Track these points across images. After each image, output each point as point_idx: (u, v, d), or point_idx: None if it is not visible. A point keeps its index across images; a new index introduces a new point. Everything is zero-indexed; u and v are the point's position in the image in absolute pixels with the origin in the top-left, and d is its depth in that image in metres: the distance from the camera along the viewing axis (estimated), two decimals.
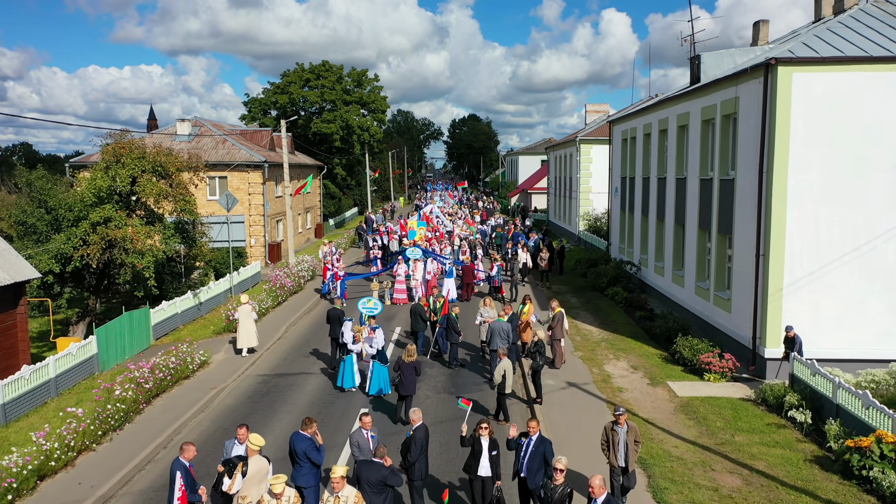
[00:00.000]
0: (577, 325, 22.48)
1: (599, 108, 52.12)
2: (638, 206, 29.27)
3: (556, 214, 54.19)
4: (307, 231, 53.09)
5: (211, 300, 26.76)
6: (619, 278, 28.06)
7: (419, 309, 19.45)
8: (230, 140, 41.55)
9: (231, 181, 39.92)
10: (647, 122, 27.67)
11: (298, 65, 60.74)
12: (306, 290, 29.90)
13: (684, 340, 18.41)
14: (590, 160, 44.41)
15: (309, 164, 53.26)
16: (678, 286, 23.66)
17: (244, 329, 19.93)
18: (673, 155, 24.24)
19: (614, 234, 33.86)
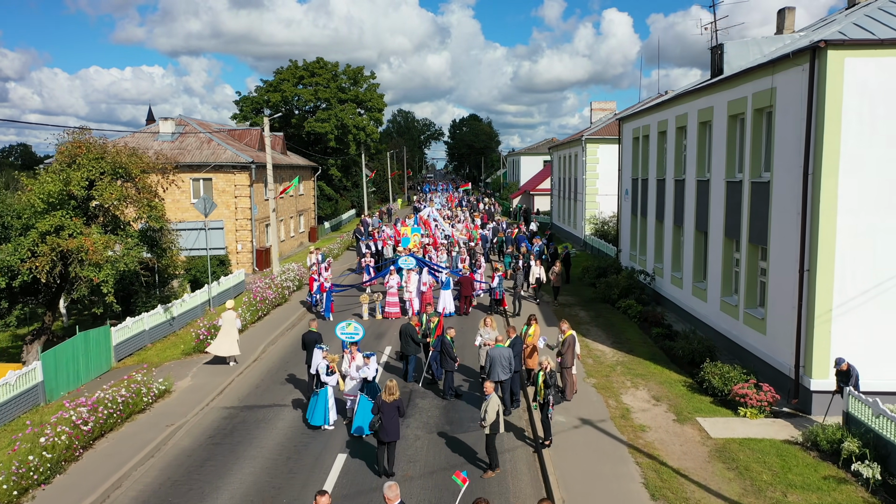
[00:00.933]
0: (587, 345, 20.13)
1: (605, 107, 49.76)
2: (651, 210, 26.91)
3: (561, 217, 51.83)
4: (300, 235, 50.77)
5: (186, 314, 24.44)
6: (631, 289, 25.70)
7: (410, 330, 17.11)
8: (216, 139, 39.25)
9: (216, 183, 37.63)
10: (663, 119, 25.31)
11: (292, 62, 58.52)
12: (292, 301, 27.57)
13: (713, 367, 16.05)
14: (596, 160, 42.06)
15: (302, 165, 50.95)
16: (699, 300, 21.30)
17: (226, 336, 18.60)
18: (693, 154, 21.89)
19: (624, 239, 31.49)
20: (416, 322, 17.57)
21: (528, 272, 26.53)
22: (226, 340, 18.79)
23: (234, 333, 18.93)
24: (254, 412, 15.49)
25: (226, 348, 18.75)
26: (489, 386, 12.18)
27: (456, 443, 13.59)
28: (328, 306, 24.20)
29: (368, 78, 60.66)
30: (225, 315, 19.19)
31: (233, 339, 18.84)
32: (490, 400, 11.91)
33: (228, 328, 19.02)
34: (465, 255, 29.97)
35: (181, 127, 40.61)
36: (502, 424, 12.12)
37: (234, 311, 19.52)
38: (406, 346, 17.09)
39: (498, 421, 11.90)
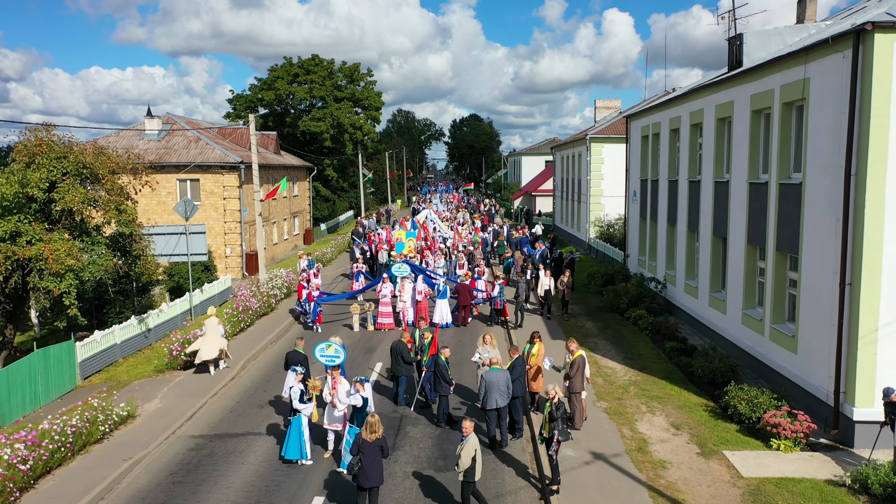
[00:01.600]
0: (596, 361, 18.43)
1: (610, 105, 48.08)
2: (662, 213, 25.21)
3: (564, 219, 50.13)
4: (294, 237, 49.11)
5: (164, 325, 22.78)
6: (641, 298, 23.99)
7: (400, 348, 15.40)
8: (204, 138, 37.59)
9: (204, 184, 36.00)
10: (675, 116, 23.61)
11: (286, 59, 56.71)
12: (279, 310, 25.87)
13: (739, 391, 14.35)
14: (601, 160, 40.37)
15: (296, 166, 49.28)
16: (717, 312, 19.60)
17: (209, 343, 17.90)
18: (710, 154, 20.19)
19: (632, 244, 29.78)
20: (407, 338, 15.86)
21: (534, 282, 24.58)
22: (210, 346, 17.95)
23: (218, 339, 18.14)
24: (224, 442, 13.79)
25: (209, 352, 17.93)
26: (468, 426, 10.46)
27: (451, 481, 11.89)
28: (315, 316, 22.51)
29: (365, 76, 58.92)
30: (208, 322, 18.31)
31: (218, 344, 18.07)
32: (466, 442, 10.20)
33: (212, 335, 18.10)
34: (463, 261, 28.28)
35: (168, 125, 38.95)
36: (479, 470, 10.37)
37: (216, 318, 18.49)
38: (396, 365, 15.39)
39: (474, 467, 10.21)
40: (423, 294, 22.56)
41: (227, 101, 57.04)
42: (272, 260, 42.35)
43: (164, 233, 24.37)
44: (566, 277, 23.76)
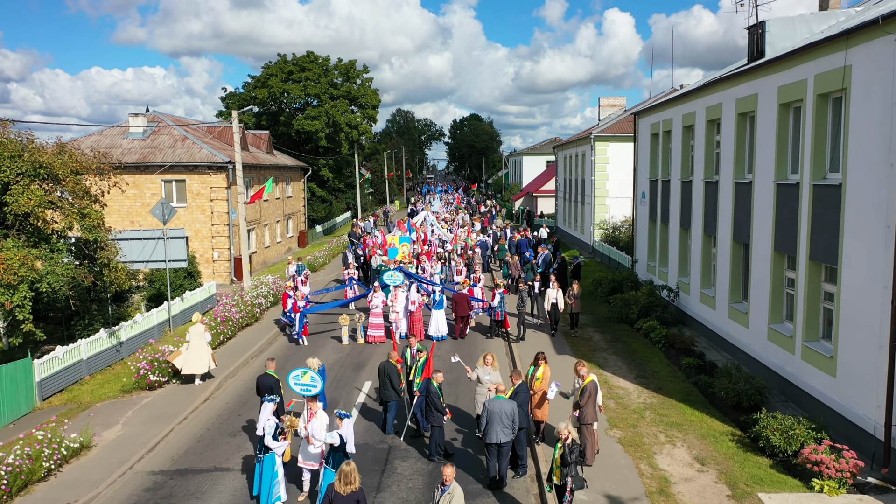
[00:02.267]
0: (607, 381, 16.74)
1: (615, 102, 46.38)
2: (674, 216, 23.53)
3: (566, 221, 48.45)
4: (288, 240, 47.45)
5: (138, 337, 21.11)
6: (652, 307, 22.29)
7: (389, 370, 13.72)
8: (191, 137, 35.93)
9: (190, 185, 34.34)
10: (689, 112, 21.94)
11: (280, 56, 55.00)
12: (265, 320, 24.18)
13: (771, 419, 12.66)
14: (606, 160, 38.70)
15: (289, 166, 47.63)
16: (738, 325, 17.91)
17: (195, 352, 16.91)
18: (730, 152, 18.51)
19: (641, 248, 28.10)
20: (397, 358, 14.18)
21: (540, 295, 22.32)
22: (196, 356, 16.95)
23: (204, 348, 17.14)
24: (186, 480, 12.10)
25: (198, 364, 16.97)
26: (448, 473, 8.81)
27: None
28: (301, 328, 20.83)
29: (361, 73, 57.21)
30: (193, 329, 17.24)
31: (205, 353, 17.08)
32: (451, 494, 8.57)
33: (198, 342, 17.10)
34: (461, 267, 26.59)
35: (154, 124, 37.29)
36: None
37: (202, 325, 17.46)
38: (384, 390, 13.72)
39: None
40: (417, 304, 20.87)
41: (220, 100, 55.44)
42: (264, 264, 40.72)
43: (140, 237, 22.69)
44: (575, 289, 21.13)
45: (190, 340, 17.18)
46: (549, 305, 21.01)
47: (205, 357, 17.11)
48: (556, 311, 20.98)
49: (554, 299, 20.89)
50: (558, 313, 21.09)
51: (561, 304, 21.03)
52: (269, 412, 11.13)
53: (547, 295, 21.21)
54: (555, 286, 21.05)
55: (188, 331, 17.45)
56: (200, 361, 17.04)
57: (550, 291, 21.05)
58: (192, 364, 16.97)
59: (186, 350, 17.15)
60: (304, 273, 25.04)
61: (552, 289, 21.03)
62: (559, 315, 21.19)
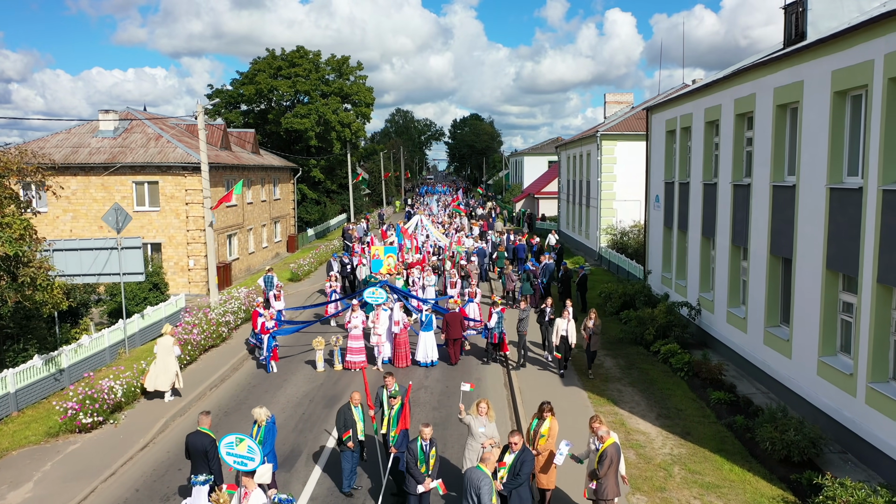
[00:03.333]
0: (624, 422, 14.09)
1: (622, 99, 43.74)
2: (695, 223, 20.89)
3: (570, 225, 45.78)
4: (276, 245, 44.80)
5: (86, 362, 18.43)
6: (670, 327, 19.63)
7: (347, 417, 11.07)
8: (165, 136, 33.28)
9: (163, 187, 31.70)
10: (713, 105, 19.28)
11: (269, 51, 52.33)
12: (233, 341, 21.50)
13: (840, 488, 9.97)
14: (613, 160, 36.03)
15: (277, 166, 44.97)
16: (777, 354, 15.24)
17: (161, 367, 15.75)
18: (766, 150, 15.84)
19: (654, 258, 25.43)
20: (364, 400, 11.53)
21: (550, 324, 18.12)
22: (162, 371, 15.80)
23: (172, 363, 15.93)
24: None
25: (163, 380, 15.79)
26: None
27: None
28: (269, 353, 18.17)
29: (355, 69, 54.46)
30: (161, 342, 16.06)
31: (172, 369, 15.90)
32: None
33: (165, 357, 15.88)
34: (455, 279, 23.90)
35: (127, 121, 34.65)
36: None
37: (171, 338, 16.27)
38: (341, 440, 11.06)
39: None
40: (402, 325, 18.18)
41: (207, 97, 52.81)
42: (247, 271, 38.09)
43: (90, 248, 20.09)
44: (593, 321, 16.86)
45: (157, 355, 15.93)
46: (557, 339, 16.95)
47: (171, 373, 15.87)
48: (568, 346, 16.97)
49: (564, 331, 16.84)
50: (570, 349, 17.17)
51: (573, 338, 16.96)
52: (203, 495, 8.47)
53: (556, 326, 17.03)
54: (566, 315, 16.97)
55: (157, 343, 16.17)
56: (166, 377, 15.83)
57: (560, 322, 16.94)
58: (158, 380, 15.79)
59: (154, 365, 15.93)
60: (277, 286, 22.34)
61: (563, 319, 16.93)
62: (570, 351, 17.28)
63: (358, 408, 11.26)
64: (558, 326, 16.98)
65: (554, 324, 17.26)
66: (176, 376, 15.96)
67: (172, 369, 15.92)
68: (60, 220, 31.78)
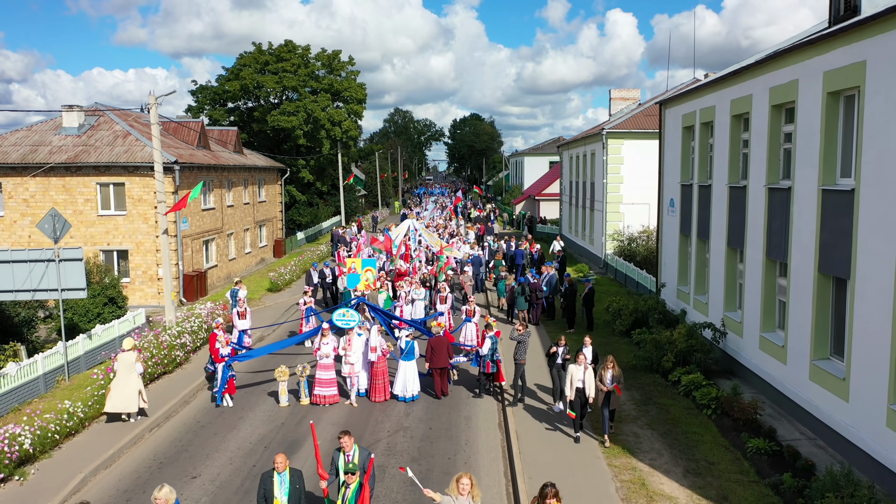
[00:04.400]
0: (644, 481, 11.42)
1: (628, 95, 41.11)
2: (718, 231, 18.25)
3: (572, 229, 43.13)
4: (260, 250, 42.18)
5: (11, 394, 15.77)
6: (691, 352, 16.98)
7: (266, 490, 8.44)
8: (134, 133, 30.67)
9: (130, 189, 29.11)
10: (741, 97, 16.64)
11: (255, 45, 49.63)
12: (190, 366, 18.80)
13: None
14: (620, 159, 33.39)
15: (262, 167, 42.36)
16: (828, 394, 12.58)
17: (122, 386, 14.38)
18: (812, 148, 13.20)
19: (669, 269, 22.78)
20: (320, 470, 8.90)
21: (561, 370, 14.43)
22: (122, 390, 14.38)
23: (133, 381, 14.45)
24: None
25: (122, 401, 14.37)
26: None
27: None
28: (224, 385, 15.51)
29: (346, 64, 51.76)
30: (122, 359, 14.66)
31: (133, 388, 14.41)
32: None
33: (126, 375, 14.44)
34: (445, 292, 21.23)
35: (94, 117, 32.06)
36: None
37: (133, 353, 14.77)
38: None
39: None
40: (381, 352, 15.53)
41: (190, 93, 50.18)
42: (227, 279, 35.44)
43: (24, 259, 17.45)
44: (610, 369, 12.91)
45: (117, 373, 14.52)
46: (572, 392, 13.00)
47: (133, 392, 14.40)
48: (584, 400, 13.02)
49: (580, 382, 12.93)
50: (587, 406, 13.20)
51: (591, 390, 12.93)
52: None
53: (569, 374, 13.06)
54: (581, 361, 12.99)
55: (116, 359, 14.70)
56: (127, 398, 14.36)
57: (575, 369, 12.98)
58: (117, 401, 14.33)
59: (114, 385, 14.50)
60: (241, 301, 19.66)
61: (578, 365, 13.02)
62: (587, 408, 13.33)
63: (284, 475, 8.57)
64: (572, 375, 12.98)
65: (567, 370, 13.32)
66: (140, 395, 14.52)
67: (135, 388, 14.42)
68: (18, 226, 29.19)
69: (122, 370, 14.54)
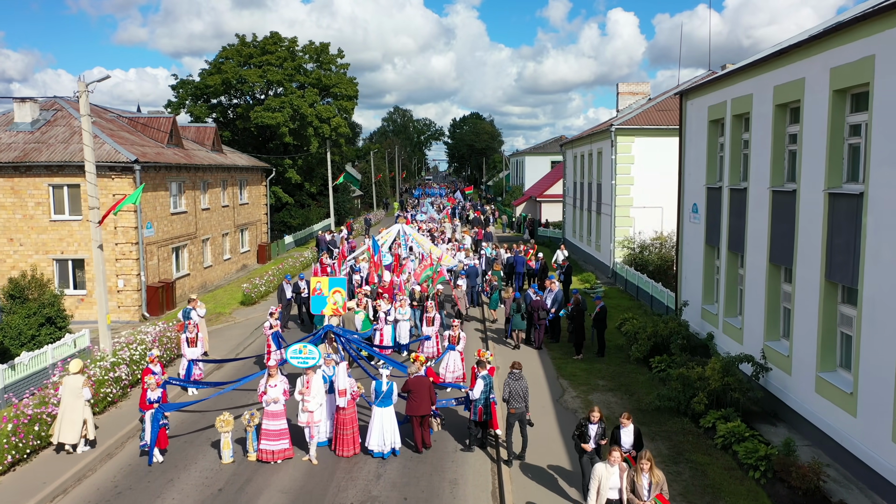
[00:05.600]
0: None
1: (637, 90, 38.09)
2: (757, 243, 15.27)
3: (577, 233, 40.15)
4: (241, 256, 39.21)
5: None
6: (727, 391, 13.99)
7: None
8: (95, 130, 27.61)
9: (86, 191, 26.07)
10: (787, 82, 13.64)
11: (239, 37, 46.64)
12: (126, 403, 15.72)
13: None
14: (630, 159, 30.41)
15: (243, 166, 39.38)
16: None
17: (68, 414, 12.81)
18: (890, 144, 10.22)
19: (691, 285, 19.79)
20: None
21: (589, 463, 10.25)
22: (68, 419, 12.88)
23: (80, 409, 12.89)
24: None
25: (69, 431, 12.85)
26: None
27: None
28: (154, 437, 12.51)
29: (336, 57, 48.70)
30: (68, 383, 13.10)
31: (79, 416, 12.89)
32: None
33: (72, 403, 12.90)
34: (432, 312, 18.21)
35: (51, 112, 29.10)
36: None
37: (81, 377, 13.21)
38: None
39: None
40: (349, 395, 12.53)
41: (171, 88, 47.14)
42: (202, 288, 32.52)
43: None
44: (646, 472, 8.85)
45: (62, 400, 12.94)
46: (598, 501, 8.98)
47: (78, 421, 12.84)
48: None
49: (614, 491, 9.03)
50: None
51: (626, 493, 9.00)
52: None
53: (596, 476, 9.00)
54: (613, 460, 9.01)
55: (61, 382, 13.26)
56: (72, 427, 12.80)
57: (604, 470, 9.00)
58: (63, 430, 12.79)
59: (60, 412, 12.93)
60: (190, 326, 16.59)
61: (608, 464, 9.05)
62: None
63: None
64: (600, 479, 8.98)
65: (594, 470, 9.14)
66: (85, 425, 12.95)
67: (81, 416, 12.89)
68: None
69: (67, 397, 12.88)
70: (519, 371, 12.14)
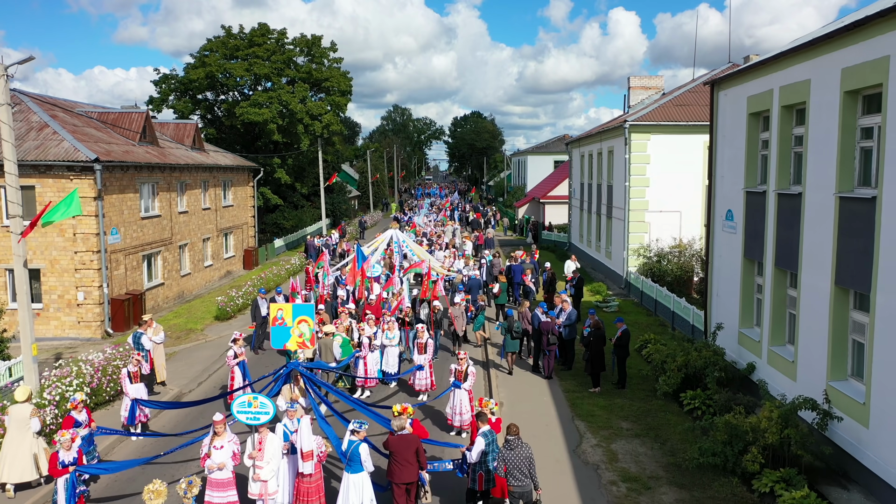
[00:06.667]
0: None
1: (650, 84, 35.44)
2: (815, 260, 12.58)
3: (584, 238, 37.47)
4: (225, 262, 36.57)
5: None
6: (786, 444, 11.31)
7: None
8: (54, 125, 25.03)
9: (42, 193, 23.57)
10: (860, 63, 10.95)
11: (225, 28, 43.95)
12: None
13: None
14: (645, 158, 27.74)
15: (227, 166, 36.73)
16: None
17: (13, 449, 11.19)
18: None
19: (726, 305, 17.09)
20: None
21: None
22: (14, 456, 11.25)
23: (28, 442, 11.30)
24: None
25: (16, 468, 11.24)
26: None
27: None
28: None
29: (328, 50, 46.00)
30: (13, 413, 11.55)
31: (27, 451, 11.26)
32: None
33: (17, 436, 11.30)
34: (423, 338, 15.51)
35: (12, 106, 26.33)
36: None
37: (28, 406, 11.67)
38: None
39: None
40: (317, 457, 9.84)
41: (153, 83, 44.42)
42: (179, 299, 29.92)
43: None
44: None
45: (7, 433, 11.50)
46: None
47: (26, 457, 11.39)
48: None
49: None
50: None
51: None
52: None
53: None
54: None
55: (6, 413, 11.87)
56: (20, 464, 11.34)
57: None
58: (7, 468, 11.26)
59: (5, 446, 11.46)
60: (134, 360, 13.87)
61: None
62: None
63: None
64: None
65: None
66: (35, 461, 11.42)
67: (30, 451, 11.46)
68: None
69: (13, 428, 11.49)
70: (516, 437, 9.42)
